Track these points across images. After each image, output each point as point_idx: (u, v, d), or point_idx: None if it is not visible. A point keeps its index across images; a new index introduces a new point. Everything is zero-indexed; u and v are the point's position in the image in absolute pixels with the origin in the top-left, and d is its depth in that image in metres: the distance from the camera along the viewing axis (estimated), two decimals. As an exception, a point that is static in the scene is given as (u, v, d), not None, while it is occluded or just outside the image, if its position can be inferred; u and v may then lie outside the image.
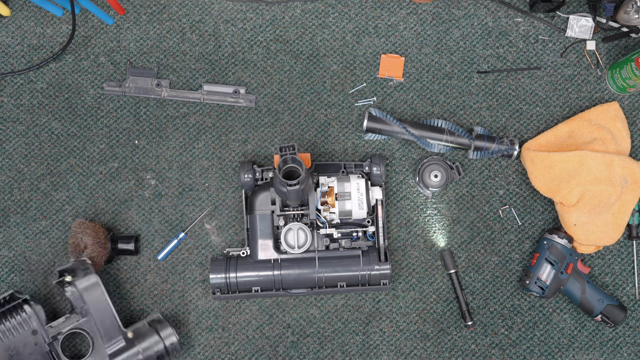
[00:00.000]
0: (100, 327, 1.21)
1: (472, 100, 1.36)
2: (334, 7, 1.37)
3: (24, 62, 1.35)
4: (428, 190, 1.33)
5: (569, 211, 1.28)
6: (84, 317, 1.22)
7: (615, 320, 1.30)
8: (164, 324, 1.24)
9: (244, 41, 1.36)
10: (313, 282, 1.25)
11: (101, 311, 1.22)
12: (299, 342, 1.33)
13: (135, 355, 1.22)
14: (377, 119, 1.32)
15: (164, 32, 1.36)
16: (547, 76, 1.37)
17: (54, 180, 1.34)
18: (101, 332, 1.21)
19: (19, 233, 1.33)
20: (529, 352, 1.33)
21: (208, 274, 1.32)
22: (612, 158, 1.27)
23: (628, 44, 1.37)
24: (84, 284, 1.21)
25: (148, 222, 1.33)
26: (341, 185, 1.25)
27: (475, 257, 1.34)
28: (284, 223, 1.26)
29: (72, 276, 1.21)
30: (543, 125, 1.36)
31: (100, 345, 1.21)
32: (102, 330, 1.21)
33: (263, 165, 1.34)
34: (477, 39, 1.37)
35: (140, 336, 1.23)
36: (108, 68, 1.36)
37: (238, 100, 1.35)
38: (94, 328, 1.21)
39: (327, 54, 1.36)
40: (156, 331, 1.23)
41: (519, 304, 1.34)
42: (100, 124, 1.35)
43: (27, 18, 1.36)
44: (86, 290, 1.21)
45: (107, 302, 1.22)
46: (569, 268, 1.29)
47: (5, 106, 1.35)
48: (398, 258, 1.34)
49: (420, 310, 1.34)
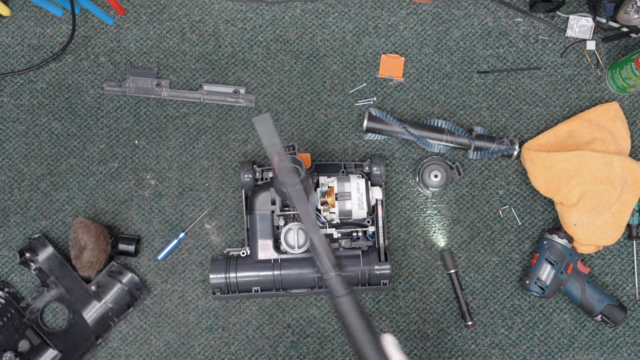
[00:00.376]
0: (70, 293, 1.28)
1: (472, 100, 1.36)
2: (334, 7, 1.37)
3: (24, 62, 1.35)
4: (428, 190, 1.33)
5: (569, 211, 1.28)
6: (55, 288, 1.28)
7: (615, 320, 1.30)
8: (123, 272, 1.29)
9: (244, 41, 1.36)
10: (313, 282, 1.25)
11: (66, 278, 1.28)
12: (299, 342, 1.33)
13: (105, 307, 1.28)
14: (377, 119, 1.32)
15: (164, 32, 1.36)
16: (547, 76, 1.37)
17: (54, 180, 1.34)
18: (74, 298, 1.28)
19: (19, 233, 1.33)
20: (529, 352, 1.33)
21: (208, 274, 1.32)
22: (612, 158, 1.27)
23: (628, 44, 1.37)
24: (43, 257, 1.28)
25: (148, 222, 1.33)
26: (341, 185, 1.25)
27: (475, 257, 1.34)
28: (284, 223, 1.26)
29: (32, 253, 1.28)
30: (543, 125, 1.36)
31: (76, 311, 1.28)
32: (74, 297, 1.28)
33: (263, 165, 1.34)
34: (477, 39, 1.37)
35: (104, 287, 1.28)
36: (108, 68, 1.36)
37: (238, 100, 1.35)
38: (66, 296, 1.28)
39: (327, 54, 1.36)
40: (117, 280, 1.28)
41: (519, 304, 1.34)
42: (100, 124, 1.35)
43: (27, 18, 1.36)
44: (47, 262, 1.28)
45: (68, 269, 1.28)
46: (569, 268, 1.29)
47: (5, 106, 1.35)
48: (398, 258, 1.34)
49: (420, 310, 1.34)
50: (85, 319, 1.28)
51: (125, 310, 1.29)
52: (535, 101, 1.36)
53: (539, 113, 1.36)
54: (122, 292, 1.28)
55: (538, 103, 1.36)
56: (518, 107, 1.36)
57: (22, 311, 1.28)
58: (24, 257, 1.28)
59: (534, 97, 1.37)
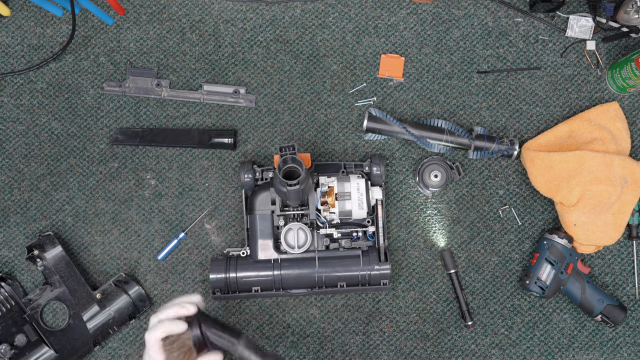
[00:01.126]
0: (73, 295, 1.28)
1: (472, 100, 1.36)
2: (334, 7, 1.37)
3: (24, 62, 1.35)
4: (428, 190, 1.33)
5: (569, 211, 1.28)
6: (58, 287, 1.28)
7: (615, 320, 1.30)
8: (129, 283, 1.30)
9: (244, 41, 1.36)
10: (313, 282, 1.25)
11: (71, 279, 1.28)
12: (299, 342, 1.33)
13: (107, 314, 1.28)
14: (377, 119, 1.32)
15: (164, 32, 1.36)
16: (547, 76, 1.37)
17: (54, 180, 1.34)
18: (76, 300, 1.28)
19: (19, 233, 1.33)
20: (529, 352, 1.33)
21: (208, 274, 1.32)
22: (612, 158, 1.27)
23: (628, 44, 1.37)
24: (51, 255, 1.28)
25: (148, 222, 1.33)
26: (341, 185, 1.25)
27: (475, 257, 1.34)
28: (284, 223, 1.26)
29: (40, 250, 1.28)
30: (543, 125, 1.36)
31: (77, 313, 1.28)
32: (76, 299, 1.28)
33: (263, 165, 1.34)
34: (477, 39, 1.37)
35: (109, 295, 1.29)
36: (108, 68, 1.36)
37: (238, 100, 1.35)
38: (68, 297, 1.28)
39: (327, 54, 1.36)
40: (123, 290, 1.29)
41: (519, 304, 1.34)
42: (100, 124, 1.35)
43: (27, 18, 1.36)
44: (54, 260, 1.28)
45: (75, 270, 1.28)
46: (569, 268, 1.29)
47: (5, 106, 1.35)
48: (398, 258, 1.34)
49: (420, 310, 1.34)
50: (84, 323, 1.28)
51: (126, 320, 1.29)
52: (535, 101, 1.36)
53: (539, 113, 1.36)
54: (127, 303, 1.29)
55: (538, 103, 1.36)
56: (518, 107, 1.36)
57: (24, 306, 1.28)
58: (32, 253, 1.29)
59: (534, 97, 1.36)
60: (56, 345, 1.28)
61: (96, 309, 1.28)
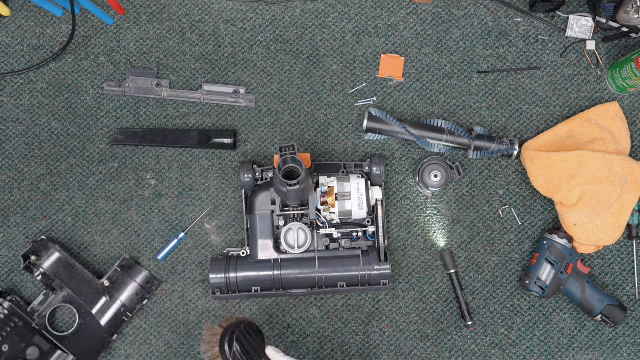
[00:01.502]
0: (80, 294, 1.27)
1: (472, 100, 1.36)
2: (334, 7, 1.37)
3: (24, 62, 1.35)
4: (428, 190, 1.33)
5: (569, 211, 1.28)
6: (61, 291, 1.27)
7: (615, 320, 1.30)
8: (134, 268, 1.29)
9: (244, 41, 1.36)
10: (313, 282, 1.25)
11: (73, 280, 1.27)
12: (299, 342, 1.33)
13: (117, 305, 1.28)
14: (377, 119, 1.32)
15: (164, 32, 1.36)
16: (547, 76, 1.37)
17: (54, 180, 1.34)
18: (82, 299, 1.27)
19: (19, 233, 1.33)
20: (529, 352, 1.33)
21: (208, 274, 1.32)
22: (612, 158, 1.27)
23: (628, 44, 1.37)
24: (48, 262, 1.27)
25: (148, 222, 1.33)
26: (341, 185, 1.25)
27: (475, 257, 1.34)
28: (284, 223, 1.26)
29: (36, 257, 1.26)
30: (543, 125, 1.36)
31: (86, 311, 1.27)
32: (83, 297, 1.27)
33: (263, 165, 1.34)
34: (477, 39, 1.37)
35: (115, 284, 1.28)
36: (108, 68, 1.36)
37: (238, 100, 1.35)
38: (73, 298, 1.27)
39: (327, 54, 1.36)
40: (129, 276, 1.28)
41: (519, 304, 1.34)
42: (100, 124, 1.35)
43: (27, 18, 1.36)
44: (52, 266, 1.27)
45: (76, 269, 1.27)
46: (569, 268, 1.29)
47: (5, 106, 1.35)
48: (398, 258, 1.34)
49: (420, 310, 1.34)
50: (96, 318, 1.27)
51: (138, 303, 1.29)
52: (535, 101, 1.36)
53: (539, 113, 1.36)
54: (135, 289, 1.28)
55: (538, 103, 1.36)
56: (518, 107, 1.36)
57: (28, 318, 1.26)
58: (28, 262, 1.27)
59: (534, 97, 1.36)
60: (72, 348, 1.26)
61: (105, 301, 1.27)
